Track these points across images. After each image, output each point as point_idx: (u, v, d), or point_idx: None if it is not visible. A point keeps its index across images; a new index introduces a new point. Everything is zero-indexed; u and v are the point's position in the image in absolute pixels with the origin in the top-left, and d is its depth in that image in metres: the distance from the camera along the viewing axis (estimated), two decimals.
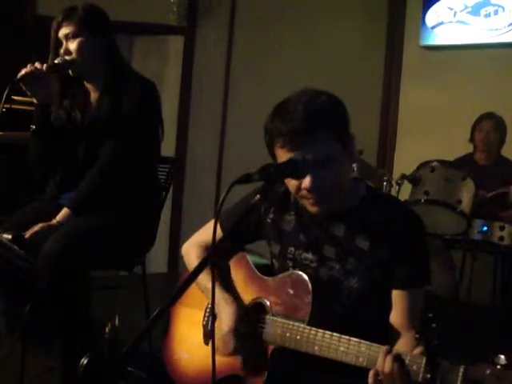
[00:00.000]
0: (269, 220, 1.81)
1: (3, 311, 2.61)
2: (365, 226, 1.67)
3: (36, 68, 2.38)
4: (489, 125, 4.13)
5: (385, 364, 1.39)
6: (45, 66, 2.39)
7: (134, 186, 2.51)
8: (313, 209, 1.66)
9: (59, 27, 2.48)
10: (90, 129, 2.53)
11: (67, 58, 2.46)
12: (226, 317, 1.73)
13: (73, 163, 2.57)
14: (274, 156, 1.65)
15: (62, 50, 2.48)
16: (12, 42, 4.46)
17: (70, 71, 2.49)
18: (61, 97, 2.58)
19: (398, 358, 1.38)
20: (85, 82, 2.59)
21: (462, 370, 1.31)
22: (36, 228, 2.33)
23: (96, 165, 2.46)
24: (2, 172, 4.20)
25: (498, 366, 1.28)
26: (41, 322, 2.47)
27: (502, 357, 1.28)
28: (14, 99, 4.00)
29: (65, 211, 2.41)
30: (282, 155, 1.59)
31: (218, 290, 1.77)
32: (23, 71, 2.37)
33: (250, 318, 1.74)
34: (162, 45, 5.11)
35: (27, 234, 2.31)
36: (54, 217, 2.40)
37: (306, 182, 1.58)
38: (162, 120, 2.63)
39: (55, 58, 2.47)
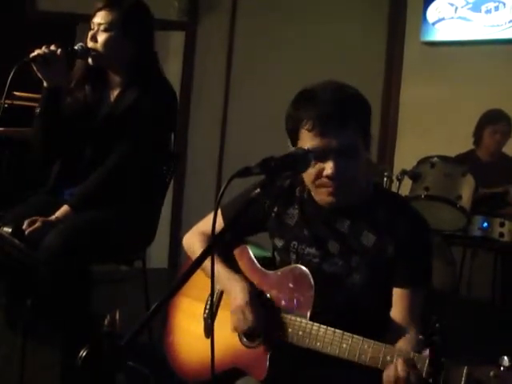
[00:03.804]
0: (273, 214, 1.80)
1: (3, 307, 2.61)
2: (370, 223, 1.66)
3: (50, 50, 2.32)
4: (504, 128, 4.13)
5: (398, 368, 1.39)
6: (59, 50, 2.34)
7: (136, 184, 2.50)
8: (328, 199, 1.64)
9: (98, 11, 2.42)
10: (103, 125, 2.49)
11: (90, 45, 2.41)
12: (238, 292, 1.71)
13: (76, 155, 2.54)
14: (295, 142, 1.62)
15: (89, 35, 2.43)
16: (12, 36, 4.46)
17: (90, 60, 2.44)
18: (82, 82, 2.53)
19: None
20: (109, 74, 2.54)
21: (465, 370, 1.31)
22: (35, 225, 2.31)
23: (105, 165, 2.43)
24: (2, 168, 4.20)
25: (502, 368, 1.27)
26: (41, 319, 2.47)
27: (506, 358, 1.28)
28: (15, 95, 4.01)
29: (64, 208, 2.39)
30: (308, 139, 1.57)
31: (225, 272, 1.77)
32: (36, 52, 2.32)
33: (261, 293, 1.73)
34: (163, 40, 5.10)
35: (26, 231, 2.29)
36: (55, 211, 2.39)
37: (328, 168, 1.57)
38: (176, 127, 2.61)
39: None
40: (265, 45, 5.00)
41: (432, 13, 4.85)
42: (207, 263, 1.32)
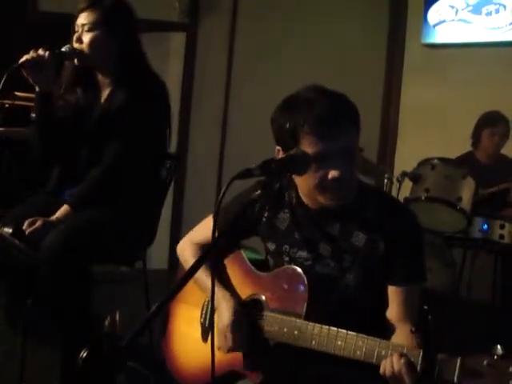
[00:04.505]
0: (264, 218, 1.80)
1: (4, 306, 2.62)
2: (360, 223, 1.67)
3: (38, 55, 2.34)
4: (503, 130, 4.12)
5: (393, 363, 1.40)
6: (47, 53, 2.35)
7: (135, 184, 2.50)
8: (331, 202, 1.63)
9: (80, 13, 2.44)
10: (97, 125, 2.50)
11: (76, 46, 2.43)
12: (224, 312, 1.73)
13: (75, 156, 2.55)
14: (292, 147, 1.60)
15: (74, 37, 2.44)
16: (14, 37, 4.46)
17: (76, 61, 2.45)
18: (73, 85, 2.54)
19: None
20: (98, 75, 2.55)
21: (459, 361, 1.32)
22: (35, 225, 2.32)
23: (101, 164, 2.44)
24: (2, 167, 4.21)
25: (495, 357, 1.28)
26: (41, 318, 2.47)
27: (499, 347, 1.29)
28: (16, 95, 4.02)
29: (64, 208, 2.40)
30: (311, 144, 1.56)
31: (216, 288, 1.77)
32: (24, 57, 2.33)
33: (248, 313, 1.73)
34: (164, 41, 5.11)
35: (27, 231, 2.30)
36: (55, 212, 2.39)
37: (335, 172, 1.57)
38: (170, 123, 2.62)
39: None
40: (265, 46, 5.00)
41: (433, 15, 4.86)
42: (199, 275, 1.32)
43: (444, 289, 3.84)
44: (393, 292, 1.64)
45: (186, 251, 1.94)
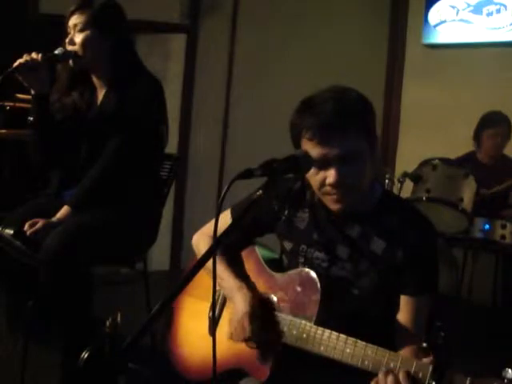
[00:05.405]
0: (283, 217, 1.79)
1: (5, 308, 2.62)
2: (380, 229, 1.65)
3: (31, 58, 2.35)
4: (504, 131, 4.11)
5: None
6: (40, 55, 2.36)
7: (135, 183, 2.50)
8: (335, 206, 1.63)
9: (71, 15, 2.45)
10: (94, 126, 2.51)
11: (69, 48, 2.44)
12: (240, 301, 1.70)
13: (75, 158, 2.55)
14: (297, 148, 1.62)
15: (67, 40, 2.45)
16: (14, 39, 4.47)
17: (71, 62, 2.46)
18: (68, 88, 2.55)
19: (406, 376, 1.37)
20: (93, 77, 2.56)
21: (468, 382, 1.30)
22: (36, 226, 2.32)
23: (98, 163, 2.45)
24: (5, 169, 4.22)
25: (505, 380, 1.26)
26: (42, 320, 2.47)
27: (510, 371, 1.27)
28: (17, 97, 4.02)
29: (65, 209, 2.41)
30: (310, 149, 1.57)
31: (231, 278, 1.77)
32: (18, 61, 2.34)
33: (265, 303, 1.71)
34: (165, 43, 5.11)
35: (28, 233, 2.31)
36: (56, 213, 2.40)
37: (331, 177, 1.57)
38: (167, 120, 2.62)
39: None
40: (266, 47, 5.00)
41: (433, 15, 4.86)
42: (211, 264, 1.32)
43: (445, 289, 3.83)
44: (404, 301, 1.63)
45: (201, 244, 1.93)
